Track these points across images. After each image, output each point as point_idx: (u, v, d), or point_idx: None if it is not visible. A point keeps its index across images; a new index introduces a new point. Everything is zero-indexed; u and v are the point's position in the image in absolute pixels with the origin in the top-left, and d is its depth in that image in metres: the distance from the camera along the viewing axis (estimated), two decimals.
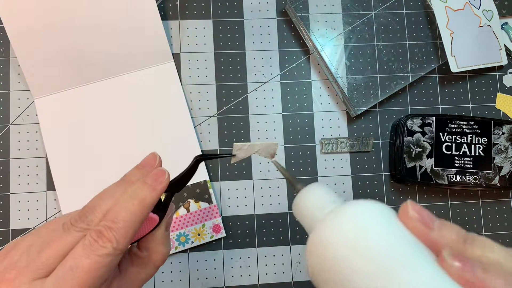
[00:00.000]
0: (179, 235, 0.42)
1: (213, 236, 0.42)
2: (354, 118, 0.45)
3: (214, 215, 0.42)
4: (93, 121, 0.43)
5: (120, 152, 0.42)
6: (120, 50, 0.43)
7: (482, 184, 0.43)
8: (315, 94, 0.45)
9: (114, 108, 0.43)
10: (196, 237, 0.42)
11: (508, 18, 0.47)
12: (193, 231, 0.42)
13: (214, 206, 0.42)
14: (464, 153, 0.43)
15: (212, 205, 0.42)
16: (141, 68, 0.44)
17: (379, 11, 0.45)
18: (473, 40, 0.45)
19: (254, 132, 0.44)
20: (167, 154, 0.41)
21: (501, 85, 0.47)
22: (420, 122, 0.43)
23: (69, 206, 0.41)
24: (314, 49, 0.44)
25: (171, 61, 0.44)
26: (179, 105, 0.44)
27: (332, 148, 0.44)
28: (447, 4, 0.45)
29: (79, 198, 0.41)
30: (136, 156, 0.39)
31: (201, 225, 0.42)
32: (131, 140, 0.43)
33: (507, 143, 0.44)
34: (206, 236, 0.42)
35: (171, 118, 0.43)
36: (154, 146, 0.43)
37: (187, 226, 0.42)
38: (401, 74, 0.45)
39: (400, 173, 0.43)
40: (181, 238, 0.42)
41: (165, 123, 0.43)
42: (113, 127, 0.43)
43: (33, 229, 0.42)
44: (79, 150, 0.42)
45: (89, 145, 0.42)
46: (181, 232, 0.42)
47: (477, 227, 0.45)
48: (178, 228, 0.42)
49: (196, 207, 0.42)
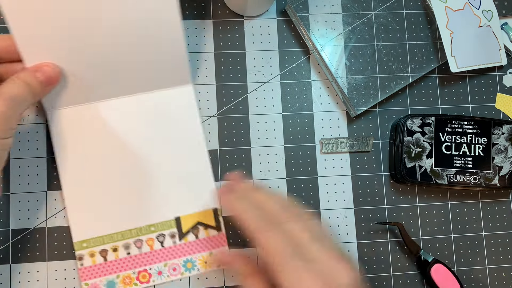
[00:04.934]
0: (186, 261, 0.41)
1: (220, 265, 0.42)
2: (354, 118, 0.45)
3: (222, 243, 0.42)
4: (103, 138, 0.41)
5: (129, 170, 0.41)
6: (137, 68, 0.40)
7: (482, 184, 0.43)
8: (315, 94, 0.45)
9: (125, 126, 0.42)
10: (203, 265, 0.41)
11: (508, 18, 0.47)
12: (200, 258, 0.41)
13: (223, 234, 0.42)
14: (464, 153, 0.43)
15: (221, 233, 0.42)
16: (157, 89, 0.42)
17: (379, 11, 0.45)
18: (473, 40, 0.45)
19: (254, 132, 0.44)
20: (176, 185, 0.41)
21: (501, 85, 0.47)
22: (419, 122, 0.43)
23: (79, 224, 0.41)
24: (314, 49, 0.44)
25: (190, 84, 0.42)
26: (194, 134, 0.42)
27: (332, 148, 0.44)
28: (446, 4, 0.45)
29: (88, 214, 0.41)
30: (144, 179, 0.41)
31: (209, 252, 0.41)
32: (140, 162, 0.42)
33: (507, 143, 0.44)
34: (213, 264, 0.41)
35: (184, 146, 0.42)
36: (163, 173, 0.42)
37: (194, 253, 0.41)
38: (401, 74, 0.45)
39: (400, 173, 0.43)
40: (187, 264, 0.41)
41: (177, 151, 0.42)
42: (122, 146, 0.42)
43: (33, 229, 0.42)
44: (88, 164, 0.41)
45: (99, 160, 0.41)
46: (188, 258, 0.41)
47: (476, 227, 0.45)
48: (186, 254, 0.41)
49: (204, 234, 0.42)
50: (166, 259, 0.41)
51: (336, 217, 0.44)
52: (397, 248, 0.44)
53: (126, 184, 0.41)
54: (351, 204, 0.44)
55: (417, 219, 0.45)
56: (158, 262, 0.41)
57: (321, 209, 0.44)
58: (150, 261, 0.41)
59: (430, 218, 0.45)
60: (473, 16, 0.45)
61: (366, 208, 0.44)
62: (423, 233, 0.45)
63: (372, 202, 0.44)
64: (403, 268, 0.44)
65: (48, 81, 0.37)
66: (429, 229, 0.45)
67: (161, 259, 0.41)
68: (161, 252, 0.41)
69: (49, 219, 0.42)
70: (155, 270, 0.41)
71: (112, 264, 0.40)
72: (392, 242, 0.44)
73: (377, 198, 0.45)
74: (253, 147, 0.44)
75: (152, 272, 0.41)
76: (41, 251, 0.41)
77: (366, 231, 0.44)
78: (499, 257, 0.45)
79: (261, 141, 0.44)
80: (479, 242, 0.45)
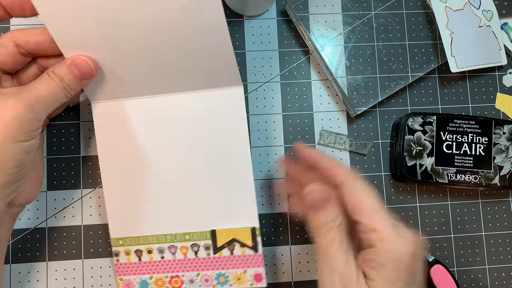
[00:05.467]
0: (218, 275, 0.40)
1: (253, 284, 0.40)
2: (354, 118, 0.45)
3: (258, 264, 0.40)
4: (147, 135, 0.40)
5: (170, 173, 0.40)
6: (185, 66, 0.37)
7: (482, 183, 0.43)
8: (315, 94, 0.45)
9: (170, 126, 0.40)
10: (236, 281, 0.40)
11: (508, 18, 0.47)
12: (233, 274, 0.40)
13: (259, 255, 0.40)
14: (465, 152, 0.43)
15: (257, 254, 0.40)
16: (206, 89, 0.39)
17: (379, 11, 0.45)
18: (473, 40, 0.45)
19: (254, 132, 0.44)
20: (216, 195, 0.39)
21: (501, 85, 0.47)
22: (421, 121, 0.43)
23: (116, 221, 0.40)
24: (314, 49, 0.44)
25: (240, 86, 0.39)
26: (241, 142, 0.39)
27: (330, 140, 0.44)
28: (446, 4, 0.45)
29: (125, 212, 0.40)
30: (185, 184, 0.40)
31: (243, 270, 0.40)
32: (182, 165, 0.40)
33: (508, 143, 0.44)
34: (246, 282, 0.40)
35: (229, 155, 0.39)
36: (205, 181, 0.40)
37: (228, 268, 0.40)
38: (401, 74, 0.45)
39: (401, 171, 0.43)
40: (220, 278, 0.40)
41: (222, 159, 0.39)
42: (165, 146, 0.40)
43: (33, 229, 0.42)
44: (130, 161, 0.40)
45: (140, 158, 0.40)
46: (221, 272, 0.40)
47: (476, 227, 0.45)
48: (219, 268, 0.40)
49: (240, 252, 0.40)
50: (199, 269, 0.40)
51: None
52: None
53: (165, 187, 0.40)
54: None
55: (417, 219, 0.45)
56: (191, 270, 0.40)
57: None
58: (183, 269, 0.40)
59: (430, 218, 0.45)
60: (473, 16, 0.45)
61: None
62: (423, 233, 0.45)
63: None
64: None
65: (84, 74, 0.35)
66: (429, 229, 0.45)
67: (194, 268, 0.40)
68: (194, 262, 0.40)
69: (49, 219, 0.42)
70: (187, 278, 0.40)
71: (146, 265, 0.40)
72: None
73: None
74: (253, 147, 0.44)
75: (184, 280, 0.40)
76: (41, 251, 0.41)
77: None
78: (499, 257, 0.45)
79: (261, 141, 0.44)
80: (479, 242, 0.45)
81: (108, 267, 0.42)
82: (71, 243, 0.42)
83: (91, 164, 0.43)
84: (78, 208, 0.42)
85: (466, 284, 0.44)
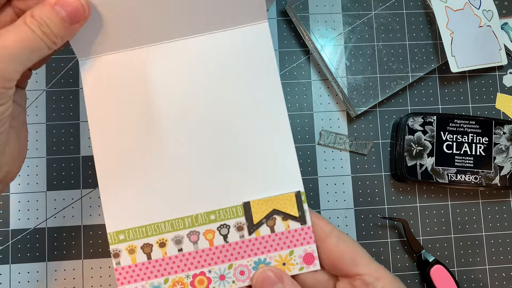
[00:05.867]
0: (257, 262, 0.30)
1: (303, 268, 0.30)
2: (354, 118, 0.45)
3: (307, 240, 0.30)
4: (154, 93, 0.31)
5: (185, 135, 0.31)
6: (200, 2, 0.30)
7: (483, 183, 0.43)
8: (315, 94, 0.45)
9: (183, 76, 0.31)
10: (281, 267, 0.30)
11: (508, 18, 0.47)
12: (277, 259, 0.30)
13: (308, 228, 0.30)
14: (465, 152, 0.43)
15: (305, 227, 0.30)
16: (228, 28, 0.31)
17: (379, 11, 0.45)
18: (473, 40, 0.45)
19: None
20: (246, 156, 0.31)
21: (501, 85, 0.47)
22: (421, 121, 0.43)
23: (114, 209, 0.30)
24: (314, 49, 0.44)
25: (265, 21, 0.31)
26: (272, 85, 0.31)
27: (330, 140, 0.44)
28: (447, 4, 0.45)
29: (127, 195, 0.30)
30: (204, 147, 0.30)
31: (289, 251, 0.30)
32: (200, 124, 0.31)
33: (508, 143, 0.44)
34: (294, 266, 0.30)
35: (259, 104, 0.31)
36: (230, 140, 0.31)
37: (269, 252, 0.30)
38: (401, 74, 0.45)
39: (401, 171, 0.43)
40: (259, 266, 0.30)
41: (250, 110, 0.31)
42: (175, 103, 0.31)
43: (33, 229, 0.42)
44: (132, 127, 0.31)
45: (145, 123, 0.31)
46: (261, 258, 0.30)
47: (477, 227, 0.45)
48: (258, 253, 0.30)
49: (283, 227, 0.30)
50: (230, 259, 0.30)
51: (336, 217, 0.44)
52: (397, 248, 0.44)
53: (178, 156, 0.30)
54: (351, 204, 0.44)
55: (417, 219, 0.45)
56: (220, 263, 0.30)
57: (321, 209, 0.44)
58: (210, 261, 0.30)
59: (430, 218, 0.45)
60: (473, 16, 0.45)
61: (366, 208, 0.44)
62: (423, 233, 0.44)
63: (372, 202, 0.44)
64: (403, 268, 0.44)
65: (73, 16, 0.26)
66: (429, 229, 0.45)
67: (224, 258, 0.30)
68: (224, 250, 0.30)
69: (49, 219, 0.42)
70: (216, 273, 0.30)
71: (159, 264, 0.30)
72: (392, 242, 0.44)
73: (377, 199, 0.44)
74: None
75: (212, 276, 0.30)
76: (40, 251, 0.41)
77: (366, 231, 0.44)
78: (499, 257, 0.45)
79: None
80: (479, 242, 0.45)
81: (108, 267, 0.42)
82: (71, 243, 0.42)
83: (91, 164, 0.43)
84: (78, 208, 0.42)
85: (466, 284, 0.44)
